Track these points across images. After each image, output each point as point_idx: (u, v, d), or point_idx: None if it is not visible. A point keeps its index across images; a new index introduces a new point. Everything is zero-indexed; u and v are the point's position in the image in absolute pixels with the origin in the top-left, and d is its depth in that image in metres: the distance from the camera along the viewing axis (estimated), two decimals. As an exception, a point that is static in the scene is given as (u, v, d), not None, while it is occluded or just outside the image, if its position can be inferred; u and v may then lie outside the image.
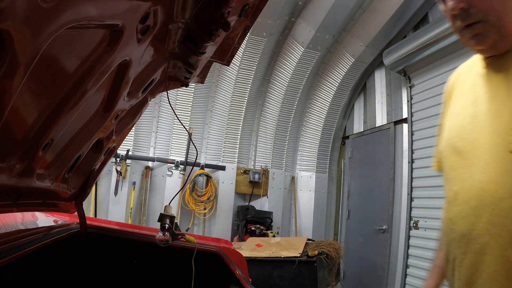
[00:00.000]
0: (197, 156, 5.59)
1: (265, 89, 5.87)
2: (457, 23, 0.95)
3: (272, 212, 5.68)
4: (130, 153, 5.14)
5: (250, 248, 3.91)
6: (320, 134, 6.06)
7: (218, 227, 5.56)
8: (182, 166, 5.41)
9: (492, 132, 0.91)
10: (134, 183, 5.24)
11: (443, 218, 1.03)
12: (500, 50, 0.96)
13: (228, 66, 1.76)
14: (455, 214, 0.96)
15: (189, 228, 5.41)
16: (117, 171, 5.03)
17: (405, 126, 4.73)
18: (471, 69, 1.08)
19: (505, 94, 0.91)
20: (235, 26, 1.33)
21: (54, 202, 1.43)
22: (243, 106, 5.68)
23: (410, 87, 4.57)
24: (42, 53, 0.67)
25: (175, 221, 1.56)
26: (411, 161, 4.49)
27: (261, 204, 5.84)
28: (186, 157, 5.43)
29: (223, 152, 5.72)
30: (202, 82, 1.74)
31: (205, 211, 5.51)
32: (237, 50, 1.54)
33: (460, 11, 0.92)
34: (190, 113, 5.46)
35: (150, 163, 5.36)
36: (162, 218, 1.48)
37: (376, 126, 5.40)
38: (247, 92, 5.62)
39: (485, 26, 0.91)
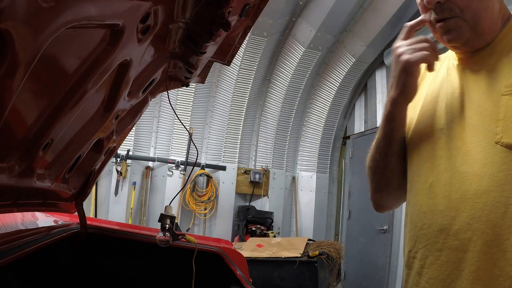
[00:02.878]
0: (197, 156, 5.60)
1: (265, 89, 5.87)
2: (430, 16, 0.91)
3: (273, 212, 5.68)
4: (130, 153, 5.13)
5: (250, 248, 3.91)
6: (321, 134, 6.06)
7: (219, 227, 5.56)
8: (183, 166, 5.41)
9: (473, 124, 0.86)
10: (134, 183, 5.23)
11: (412, 211, 0.96)
12: (474, 48, 0.93)
13: (229, 66, 1.75)
14: (430, 207, 0.89)
15: (189, 228, 5.41)
16: (117, 171, 5.03)
17: (406, 126, 4.73)
18: (442, 61, 1.04)
19: (486, 88, 0.87)
20: (236, 26, 1.33)
21: (54, 202, 1.43)
22: (244, 106, 5.67)
23: (411, 87, 4.56)
24: (42, 53, 0.67)
25: (176, 221, 1.56)
26: (412, 161, 4.48)
27: (262, 204, 5.84)
28: (187, 157, 5.43)
29: (223, 152, 5.72)
30: (203, 82, 1.73)
31: (205, 211, 5.51)
32: (238, 50, 1.53)
33: (436, 5, 0.89)
34: (190, 113, 5.45)
35: (150, 163, 5.36)
36: (162, 218, 1.48)
37: (377, 126, 5.37)
38: (247, 92, 5.62)
39: (459, 22, 0.88)
